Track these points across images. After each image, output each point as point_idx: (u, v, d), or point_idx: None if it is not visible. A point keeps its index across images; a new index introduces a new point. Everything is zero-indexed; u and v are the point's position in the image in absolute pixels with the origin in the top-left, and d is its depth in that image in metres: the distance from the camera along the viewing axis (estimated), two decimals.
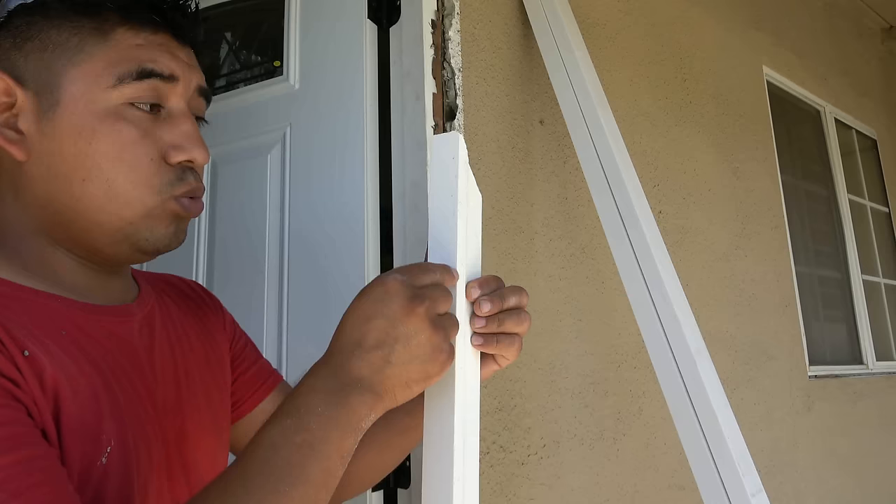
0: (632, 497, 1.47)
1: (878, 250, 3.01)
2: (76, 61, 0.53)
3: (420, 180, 1.15)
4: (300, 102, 1.30)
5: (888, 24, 3.44)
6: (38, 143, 0.53)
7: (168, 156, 0.55)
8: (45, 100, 0.53)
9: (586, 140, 1.28)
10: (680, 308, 1.14)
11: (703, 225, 1.89)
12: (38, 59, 0.53)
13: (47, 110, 0.53)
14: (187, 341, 0.65)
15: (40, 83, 0.53)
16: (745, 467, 1.04)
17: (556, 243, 1.43)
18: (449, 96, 1.23)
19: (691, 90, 1.98)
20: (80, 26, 0.53)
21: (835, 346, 2.59)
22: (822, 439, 2.17)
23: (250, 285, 1.28)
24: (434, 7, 1.23)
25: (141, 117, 0.54)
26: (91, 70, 0.53)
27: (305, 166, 1.27)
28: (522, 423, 1.26)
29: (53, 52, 0.53)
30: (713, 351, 1.21)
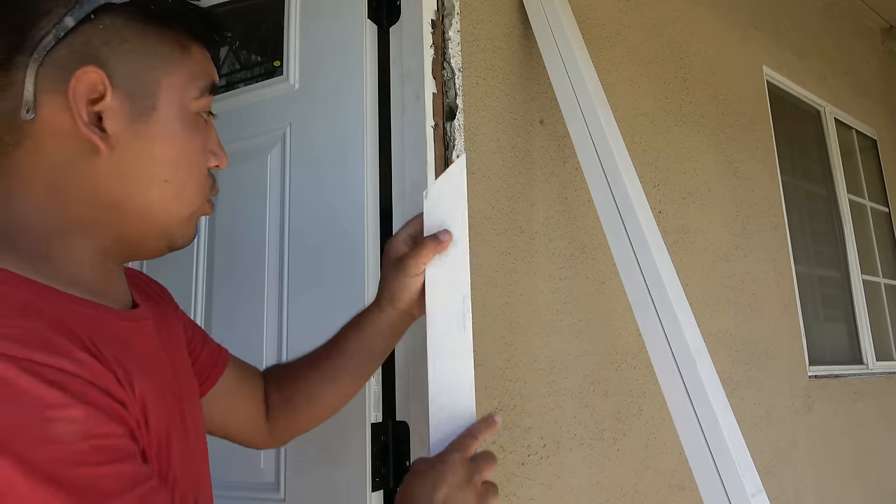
0: (632, 497, 1.47)
1: (878, 250, 3.01)
2: (169, 71, 0.56)
3: (420, 180, 1.15)
4: (300, 102, 1.30)
5: (888, 24, 3.44)
6: (125, 144, 0.53)
7: (208, 160, 0.61)
8: (139, 103, 0.54)
9: (586, 140, 1.28)
10: (680, 308, 1.14)
11: (703, 225, 1.89)
12: (133, 61, 0.54)
13: (141, 113, 0.54)
14: (174, 335, 0.67)
15: (133, 86, 0.54)
16: (745, 467, 1.04)
17: (556, 243, 1.43)
18: (449, 96, 1.23)
19: (691, 90, 1.98)
20: (167, 38, 0.56)
21: (835, 345, 2.59)
22: (822, 439, 2.17)
23: (250, 285, 1.28)
24: (434, 7, 1.23)
25: (203, 126, 0.60)
26: (180, 80, 0.57)
27: (305, 166, 1.27)
28: (522, 423, 1.26)
29: (149, 58, 0.55)
30: (713, 351, 1.21)
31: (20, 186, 0.52)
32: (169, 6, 0.56)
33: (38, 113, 0.51)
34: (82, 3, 0.51)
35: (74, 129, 0.52)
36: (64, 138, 0.52)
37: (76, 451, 0.40)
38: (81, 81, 0.51)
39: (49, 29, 0.50)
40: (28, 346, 0.41)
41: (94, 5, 0.51)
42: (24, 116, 0.50)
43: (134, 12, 0.54)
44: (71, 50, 0.51)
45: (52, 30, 0.50)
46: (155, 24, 0.55)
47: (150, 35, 0.55)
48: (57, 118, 0.51)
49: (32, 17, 0.50)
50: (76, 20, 0.51)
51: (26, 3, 0.50)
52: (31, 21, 0.50)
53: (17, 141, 0.52)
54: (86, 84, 0.51)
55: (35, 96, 0.50)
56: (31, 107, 0.50)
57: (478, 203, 1.26)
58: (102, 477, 0.41)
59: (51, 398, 0.40)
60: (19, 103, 0.50)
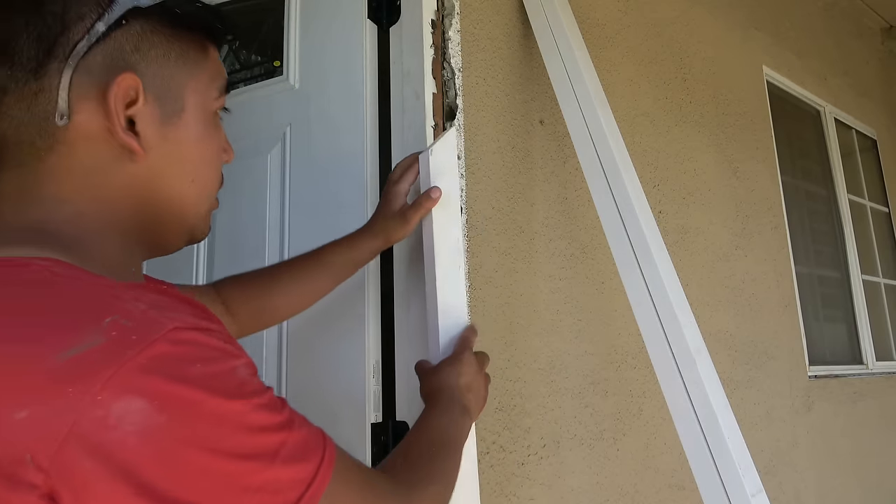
0: (632, 497, 1.47)
1: (878, 250, 3.01)
2: (194, 73, 0.58)
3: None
4: (300, 102, 1.30)
5: (888, 24, 3.44)
6: (157, 146, 0.55)
7: (221, 157, 0.64)
8: (169, 106, 0.56)
9: (586, 140, 1.28)
10: (680, 308, 1.14)
11: (703, 225, 1.89)
12: (162, 66, 0.55)
13: (171, 115, 0.56)
14: None
15: (163, 90, 0.55)
16: (745, 467, 1.04)
17: (556, 243, 1.43)
18: (449, 96, 1.23)
19: (691, 90, 1.98)
20: (190, 40, 0.58)
21: (835, 346, 2.59)
22: (822, 439, 2.17)
23: None
24: (434, 7, 1.23)
25: (219, 124, 0.63)
26: (202, 82, 0.59)
27: (305, 166, 1.27)
28: (522, 423, 1.26)
29: (176, 62, 0.56)
30: (713, 351, 1.21)
31: (57, 192, 0.53)
32: (193, 10, 0.57)
33: (72, 119, 0.51)
34: (113, 8, 0.51)
35: (107, 133, 0.53)
36: (97, 143, 0.53)
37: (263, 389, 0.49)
38: (120, 88, 0.52)
39: (82, 35, 0.50)
40: (198, 317, 0.47)
41: (123, 9, 0.52)
42: (58, 122, 0.51)
43: (161, 17, 0.55)
44: (103, 56, 0.52)
45: (85, 36, 0.50)
46: (180, 28, 0.56)
47: (176, 39, 0.56)
48: (90, 123, 0.52)
49: (65, 24, 0.50)
50: (107, 25, 0.51)
51: (59, 10, 0.50)
52: (64, 27, 0.50)
53: (49, 146, 0.52)
54: (123, 90, 0.52)
55: (69, 102, 0.51)
56: (66, 113, 0.51)
57: (478, 203, 1.26)
58: (274, 398, 0.49)
59: (236, 351, 0.48)
60: (52, 109, 0.51)
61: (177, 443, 0.41)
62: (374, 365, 1.13)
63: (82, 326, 0.42)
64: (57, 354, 0.40)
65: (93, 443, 0.39)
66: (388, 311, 1.17)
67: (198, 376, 0.43)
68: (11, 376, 0.40)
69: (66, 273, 0.47)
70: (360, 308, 1.15)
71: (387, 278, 1.18)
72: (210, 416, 0.43)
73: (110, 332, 0.41)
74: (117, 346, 0.41)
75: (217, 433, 0.43)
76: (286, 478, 0.46)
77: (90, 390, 0.39)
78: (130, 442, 0.40)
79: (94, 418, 0.39)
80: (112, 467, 0.40)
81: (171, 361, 0.42)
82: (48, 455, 0.39)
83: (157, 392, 0.41)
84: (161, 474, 0.41)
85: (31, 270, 0.46)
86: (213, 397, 0.43)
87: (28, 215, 0.52)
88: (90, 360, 0.40)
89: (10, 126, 0.51)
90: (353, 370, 1.12)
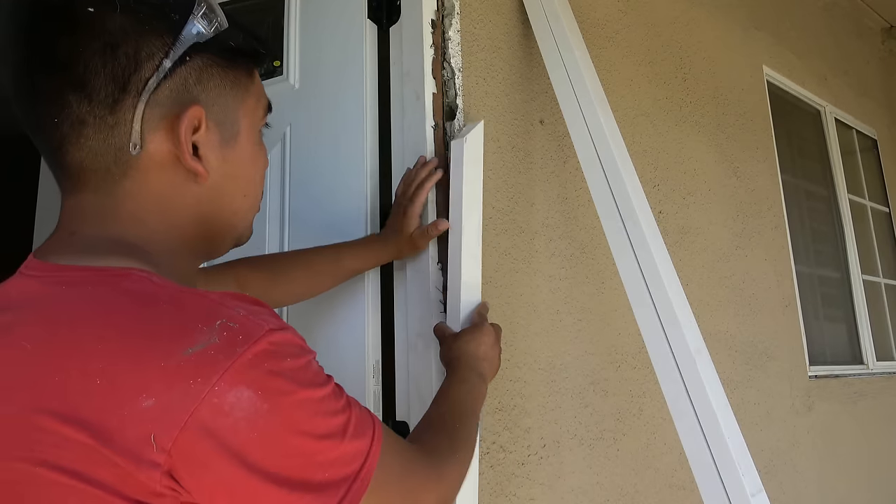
0: (632, 497, 1.47)
1: (878, 250, 3.01)
2: (245, 98, 0.64)
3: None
4: (300, 102, 1.30)
5: (888, 24, 3.44)
6: (217, 168, 0.61)
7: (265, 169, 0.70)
8: (227, 131, 0.62)
9: (586, 140, 1.28)
10: (680, 308, 1.14)
11: (703, 225, 1.89)
12: (220, 95, 0.61)
13: (229, 139, 0.62)
14: None
15: (222, 117, 0.61)
16: (745, 467, 1.04)
17: (556, 243, 1.43)
18: (449, 96, 1.23)
19: (691, 90, 1.98)
20: (240, 67, 0.63)
21: (835, 346, 2.59)
22: (823, 439, 2.17)
23: None
24: (434, 7, 1.23)
25: (262, 140, 0.68)
26: (251, 105, 0.65)
27: (305, 166, 1.27)
28: (522, 423, 1.26)
29: (231, 90, 0.62)
30: (713, 351, 1.21)
31: (133, 212, 0.58)
32: (245, 40, 0.63)
33: (144, 148, 0.57)
34: (177, 46, 0.56)
35: (175, 160, 0.58)
36: (166, 168, 0.58)
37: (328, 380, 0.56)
38: (188, 119, 0.57)
39: (152, 72, 0.55)
40: (275, 317, 0.53)
41: (185, 46, 0.57)
42: (132, 152, 0.56)
43: (217, 50, 0.60)
44: (170, 90, 0.57)
45: (154, 73, 0.55)
46: (232, 58, 0.62)
47: (230, 69, 0.62)
48: (160, 151, 0.58)
49: (137, 63, 0.55)
50: (173, 62, 0.56)
51: (131, 51, 0.55)
52: (136, 66, 0.55)
53: (124, 172, 0.57)
54: (190, 121, 0.57)
55: (141, 133, 0.56)
56: (139, 143, 0.56)
57: None
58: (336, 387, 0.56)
59: (307, 346, 0.54)
60: (127, 140, 0.56)
61: (277, 427, 0.48)
62: (374, 365, 1.13)
63: (198, 328, 0.48)
64: (180, 351, 0.46)
65: (210, 427, 0.45)
66: (388, 311, 1.17)
67: (289, 370, 0.50)
68: (138, 370, 0.46)
69: (163, 282, 0.53)
70: (360, 308, 1.15)
71: (387, 278, 1.19)
72: (300, 403, 0.50)
73: (222, 332, 0.48)
74: (229, 344, 0.47)
75: (305, 418, 0.50)
76: (352, 451, 0.53)
77: (209, 381, 0.46)
78: (241, 426, 0.46)
79: (211, 405, 0.45)
80: (224, 448, 0.46)
81: (270, 358, 0.49)
82: (171, 437, 0.45)
83: (262, 384, 0.48)
84: (264, 454, 0.47)
85: (133, 279, 0.52)
86: (301, 387, 0.50)
87: (107, 231, 0.57)
88: (209, 355, 0.46)
89: (88, 155, 0.56)
90: (353, 370, 1.12)
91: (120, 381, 0.46)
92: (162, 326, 0.48)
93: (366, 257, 1.09)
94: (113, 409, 0.45)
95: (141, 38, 0.55)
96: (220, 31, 0.59)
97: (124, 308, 0.49)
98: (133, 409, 0.45)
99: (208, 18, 0.58)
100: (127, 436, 0.45)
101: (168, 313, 0.49)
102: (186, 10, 0.57)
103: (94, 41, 0.53)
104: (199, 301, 0.51)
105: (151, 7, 0.56)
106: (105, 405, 0.45)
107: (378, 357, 1.14)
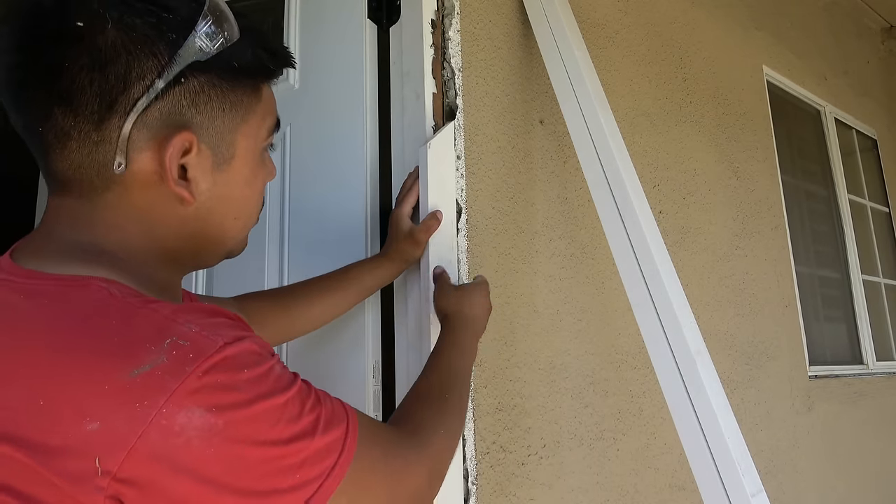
0: (632, 497, 1.47)
1: (878, 250, 3.01)
2: (246, 118, 0.60)
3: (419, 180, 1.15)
4: (300, 102, 1.30)
5: (888, 24, 3.44)
6: (207, 191, 0.59)
7: (264, 187, 0.68)
8: (221, 154, 0.59)
9: (586, 140, 1.28)
10: (680, 308, 1.14)
11: (703, 225, 1.89)
12: (216, 118, 0.58)
13: (222, 163, 0.60)
14: None
15: (217, 140, 0.58)
16: (745, 467, 1.04)
17: (556, 243, 1.43)
18: (449, 96, 1.23)
19: (691, 90, 1.98)
20: (244, 86, 0.60)
21: (835, 346, 2.59)
22: (822, 439, 2.17)
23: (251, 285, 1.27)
24: (434, 7, 1.23)
25: (266, 157, 0.66)
26: (253, 126, 0.61)
27: (305, 166, 1.27)
28: (522, 423, 1.26)
29: (230, 111, 0.59)
30: (713, 351, 1.21)
31: (111, 219, 0.57)
32: (254, 57, 0.59)
33: (128, 167, 0.55)
34: (172, 66, 0.53)
35: (160, 181, 0.56)
36: (150, 188, 0.56)
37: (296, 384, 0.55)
38: (175, 146, 0.55)
39: (142, 93, 0.53)
40: (236, 328, 0.52)
41: (182, 66, 0.54)
42: (116, 171, 0.54)
43: (219, 69, 0.56)
44: (161, 112, 0.54)
45: (145, 94, 0.53)
46: (236, 77, 0.58)
47: (231, 90, 0.58)
48: (145, 171, 0.56)
49: (127, 81, 0.52)
50: (166, 83, 0.53)
51: (122, 70, 0.52)
52: (125, 85, 0.52)
53: (106, 186, 0.56)
54: (178, 147, 0.55)
55: (126, 153, 0.54)
56: (123, 162, 0.54)
57: (478, 203, 1.26)
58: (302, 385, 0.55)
59: (267, 351, 0.53)
60: (111, 158, 0.54)
61: (235, 441, 0.47)
62: (374, 365, 1.13)
63: (146, 347, 0.47)
64: (126, 373, 0.45)
65: (160, 449, 0.44)
66: (388, 312, 1.17)
67: (245, 381, 0.49)
68: (82, 392, 0.45)
69: (123, 294, 0.51)
70: (360, 309, 1.15)
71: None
72: (260, 413, 0.49)
73: (171, 351, 0.46)
74: (178, 363, 0.46)
75: (267, 426, 0.49)
76: (325, 445, 0.52)
77: (156, 404, 0.44)
78: (194, 445, 0.45)
79: (160, 427, 0.44)
80: (177, 468, 0.45)
81: (223, 371, 0.48)
82: (117, 461, 0.44)
83: (215, 400, 0.46)
84: (223, 469, 0.47)
85: (91, 290, 0.51)
86: (261, 397, 0.49)
87: (82, 235, 0.56)
88: (155, 377, 0.45)
89: (71, 167, 0.55)
90: (353, 370, 1.12)
91: (62, 401, 0.45)
92: (107, 345, 0.47)
93: (376, 272, 1.08)
94: (55, 430, 0.44)
95: (132, 56, 0.52)
96: (225, 47, 0.56)
97: (71, 324, 0.48)
98: (76, 431, 0.44)
99: (212, 35, 0.55)
100: (69, 458, 0.44)
101: (115, 330, 0.48)
102: (188, 26, 0.54)
103: (82, 57, 0.51)
104: (149, 317, 0.49)
105: (147, 24, 0.53)
106: (47, 426, 0.44)
107: (378, 357, 1.14)
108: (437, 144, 1.15)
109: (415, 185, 1.13)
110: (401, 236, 1.08)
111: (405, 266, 1.11)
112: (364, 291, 1.07)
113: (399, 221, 1.09)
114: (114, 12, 0.52)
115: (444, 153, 1.16)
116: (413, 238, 1.08)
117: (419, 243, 1.08)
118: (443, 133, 1.16)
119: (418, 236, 1.08)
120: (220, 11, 0.56)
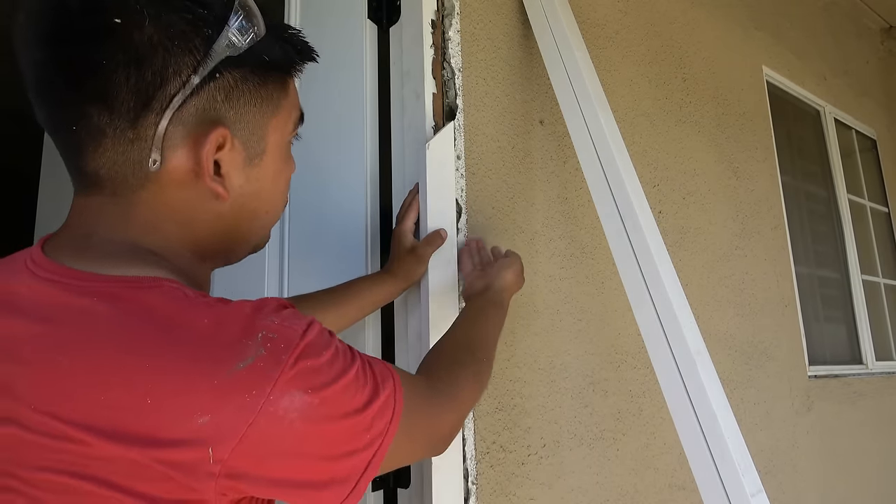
0: (632, 497, 1.47)
1: (878, 250, 3.01)
2: (276, 112, 0.62)
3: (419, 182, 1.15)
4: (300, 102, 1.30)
5: (888, 24, 3.44)
6: (240, 187, 0.60)
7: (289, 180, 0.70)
8: (252, 148, 0.60)
9: (586, 140, 1.28)
10: (680, 308, 1.14)
11: (703, 225, 1.89)
12: (248, 113, 0.58)
13: (254, 157, 0.61)
14: None
15: (249, 135, 0.59)
16: (745, 467, 1.04)
17: (556, 243, 1.43)
18: (449, 96, 1.23)
19: (691, 90, 1.98)
20: (273, 80, 0.61)
21: (835, 346, 2.59)
22: (822, 439, 2.17)
23: (251, 286, 1.27)
24: (434, 7, 1.23)
25: (290, 150, 0.67)
26: (281, 120, 0.63)
27: (305, 166, 1.27)
28: (522, 423, 1.26)
29: (261, 107, 0.60)
30: (713, 351, 1.21)
31: (149, 219, 0.57)
32: (282, 51, 0.60)
33: (164, 164, 0.55)
34: (207, 62, 0.54)
35: (195, 177, 0.57)
36: (186, 185, 0.57)
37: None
38: (211, 142, 0.55)
39: (178, 89, 0.53)
40: (299, 315, 0.55)
41: (216, 61, 0.54)
42: (151, 168, 0.55)
43: (250, 64, 0.57)
44: (196, 108, 0.55)
45: (181, 90, 0.53)
46: (267, 72, 0.59)
47: (262, 84, 0.59)
48: (180, 169, 0.56)
49: (163, 78, 0.53)
50: (201, 78, 0.54)
51: (158, 66, 0.52)
52: (161, 82, 0.53)
53: (141, 184, 0.56)
54: (213, 143, 0.56)
55: (161, 151, 0.54)
56: (159, 160, 0.54)
57: (478, 203, 1.26)
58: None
59: (329, 331, 0.56)
60: (146, 155, 0.54)
61: (329, 416, 0.52)
62: None
63: (243, 343, 0.49)
64: (230, 367, 0.48)
65: (266, 432, 0.48)
66: (389, 313, 1.17)
67: (326, 362, 0.53)
68: (189, 388, 0.47)
69: (195, 294, 0.53)
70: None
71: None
72: (343, 386, 0.53)
73: (265, 343, 0.50)
74: (274, 354, 0.49)
75: (349, 397, 0.54)
76: (383, 402, 0.57)
77: (263, 392, 0.48)
78: (297, 425, 0.50)
79: (268, 414, 0.48)
80: (281, 447, 0.49)
81: (309, 357, 0.51)
82: (228, 448, 0.47)
83: (308, 382, 0.51)
84: (321, 442, 0.52)
85: (165, 290, 0.52)
86: (342, 373, 0.53)
87: (123, 236, 0.56)
88: (258, 368, 0.49)
89: (105, 165, 0.55)
90: None
91: (171, 399, 0.47)
92: (208, 344, 0.49)
93: (377, 286, 1.07)
94: (166, 426, 0.47)
95: (169, 52, 0.52)
96: (256, 42, 0.56)
97: (165, 326, 0.50)
98: (188, 426, 0.47)
99: (243, 30, 0.55)
100: (182, 450, 0.47)
101: (211, 329, 0.50)
102: (221, 22, 0.54)
103: (118, 54, 0.51)
104: (236, 314, 0.51)
105: (184, 20, 0.53)
106: (157, 423, 0.47)
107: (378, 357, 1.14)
108: (437, 144, 1.15)
109: (415, 200, 1.12)
110: (403, 252, 1.08)
111: (407, 284, 1.09)
112: (365, 308, 1.06)
113: (401, 237, 1.08)
114: (151, 9, 0.51)
115: (444, 153, 1.16)
116: (415, 254, 1.07)
117: (422, 258, 1.07)
118: (443, 133, 1.17)
119: (421, 251, 1.07)
120: (249, 7, 0.56)
